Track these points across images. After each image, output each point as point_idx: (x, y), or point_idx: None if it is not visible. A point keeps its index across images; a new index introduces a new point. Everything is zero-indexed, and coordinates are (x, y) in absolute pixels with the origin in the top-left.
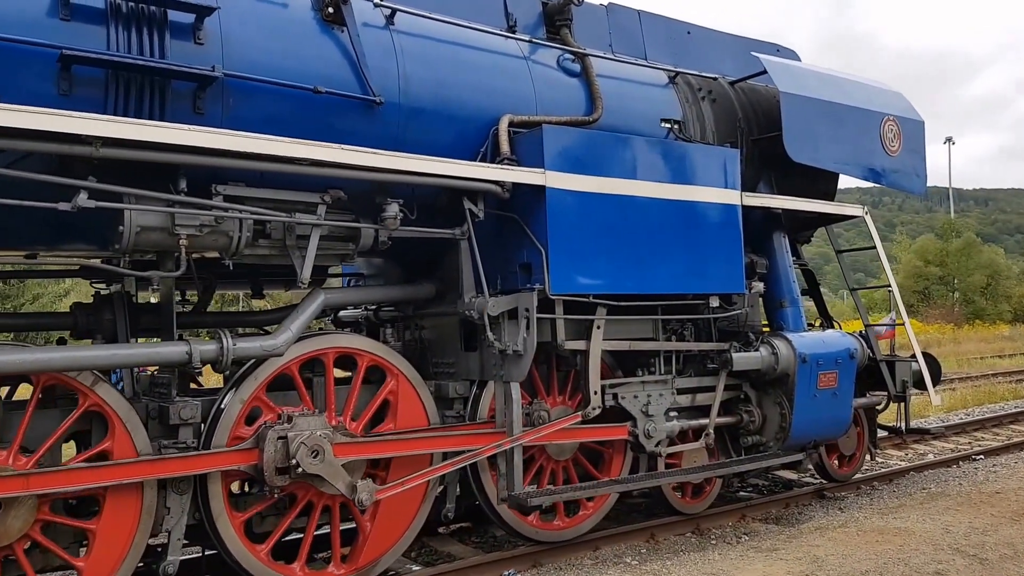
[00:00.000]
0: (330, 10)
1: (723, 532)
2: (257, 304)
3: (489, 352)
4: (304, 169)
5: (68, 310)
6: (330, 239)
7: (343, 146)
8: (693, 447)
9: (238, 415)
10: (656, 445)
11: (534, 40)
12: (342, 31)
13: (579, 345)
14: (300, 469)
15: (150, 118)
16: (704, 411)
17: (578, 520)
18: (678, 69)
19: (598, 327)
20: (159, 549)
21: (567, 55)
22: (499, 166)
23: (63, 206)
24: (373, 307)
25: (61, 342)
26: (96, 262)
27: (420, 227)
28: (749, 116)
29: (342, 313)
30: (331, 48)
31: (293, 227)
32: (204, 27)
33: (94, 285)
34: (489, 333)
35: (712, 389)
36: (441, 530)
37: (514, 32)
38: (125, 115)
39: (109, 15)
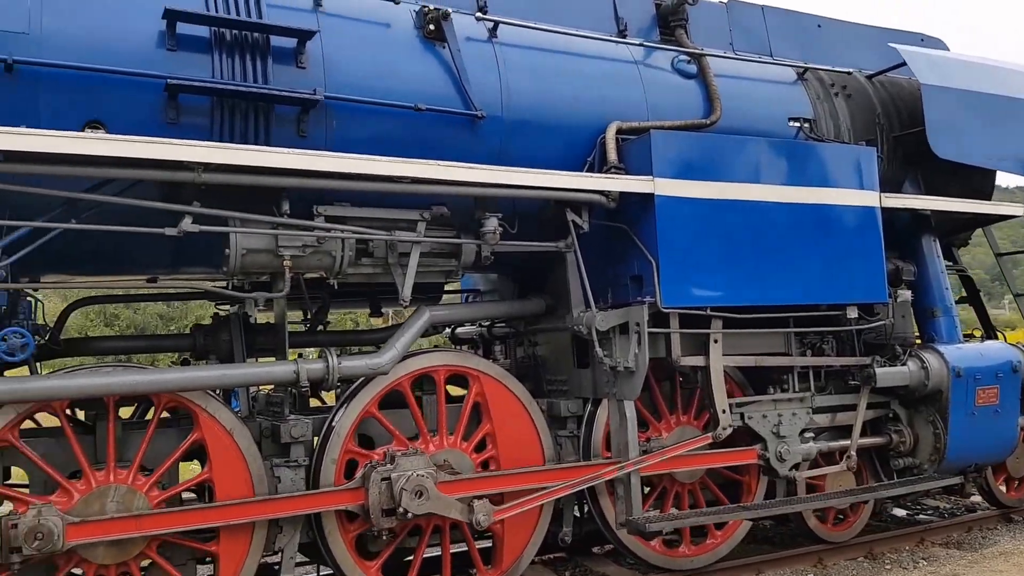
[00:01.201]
0: (431, 27)
1: (899, 557)
2: (375, 322)
3: (601, 369)
4: (405, 187)
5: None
6: (432, 256)
7: (442, 162)
8: (833, 470)
9: (347, 433)
10: (790, 469)
11: (645, 43)
12: (443, 47)
13: (697, 361)
14: (408, 514)
15: (255, 142)
16: (849, 432)
17: (706, 548)
18: (807, 64)
19: (715, 341)
20: (276, 567)
21: (682, 57)
22: (602, 175)
23: (169, 231)
24: (487, 324)
25: (184, 363)
26: (209, 285)
27: (522, 241)
28: (890, 111)
29: (459, 330)
30: (432, 65)
31: (395, 245)
32: (306, 51)
33: (218, 307)
34: (598, 349)
35: (855, 408)
36: (596, 550)
37: (624, 36)
38: (231, 140)
39: (213, 44)
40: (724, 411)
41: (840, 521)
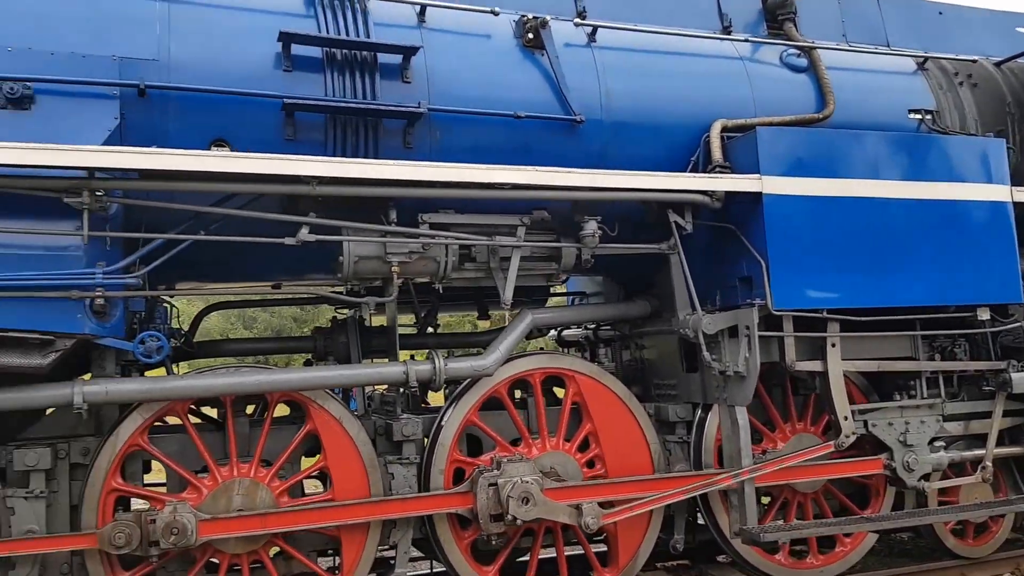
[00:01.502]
0: (530, 35)
1: None
2: (483, 325)
3: (711, 374)
4: (506, 193)
5: (309, 334)
6: (533, 259)
7: (540, 168)
8: (966, 482)
9: (455, 433)
10: (919, 479)
11: (751, 39)
12: (542, 55)
13: (814, 366)
14: (516, 520)
15: (365, 155)
16: (984, 441)
17: (835, 557)
18: (928, 54)
19: (833, 345)
20: (391, 561)
21: (791, 51)
22: (705, 175)
23: (288, 241)
24: (593, 327)
25: (308, 363)
26: (327, 290)
27: (623, 243)
28: (1021, 100)
29: (565, 333)
30: (531, 73)
31: (496, 250)
32: (411, 66)
33: (338, 311)
34: (705, 353)
35: (989, 415)
36: (721, 558)
37: (729, 33)
38: (343, 154)
39: (325, 63)
40: (846, 418)
41: (978, 535)
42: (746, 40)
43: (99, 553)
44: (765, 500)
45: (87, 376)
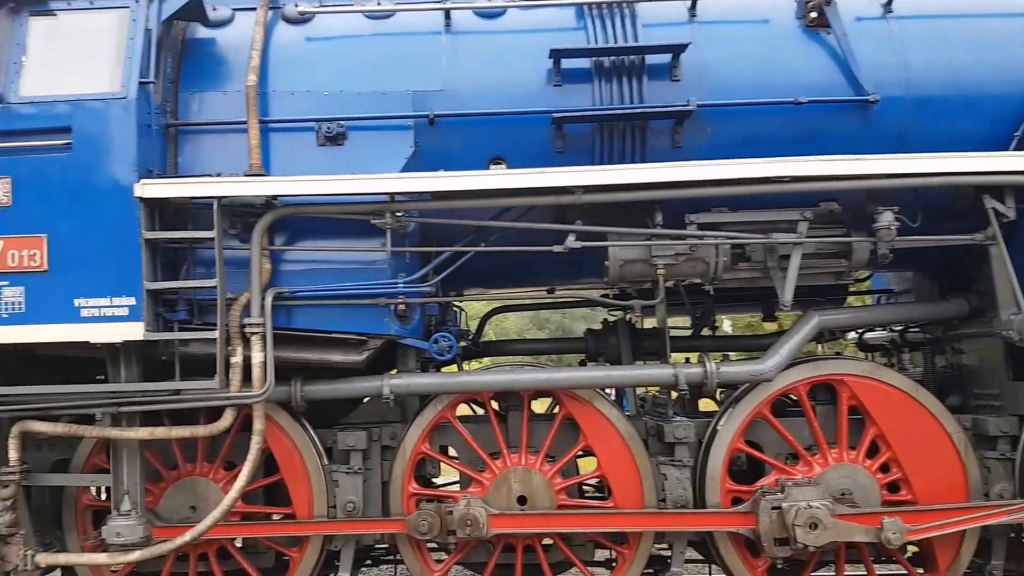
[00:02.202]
0: (813, 15)
1: None
2: (769, 327)
3: None
4: (785, 187)
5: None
6: (818, 256)
7: (825, 157)
8: None
9: (731, 439)
10: None
11: None
12: (827, 33)
13: None
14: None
15: (632, 159)
16: None
17: None
18: None
19: None
20: (668, 560)
21: None
22: None
23: (557, 249)
24: (899, 328)
25: (582, 363)
26: (594, 294)
27: (926, 235)
28: None
29: (867, 336)
30: (814, 54)
31: (775, 248)
32: (679, 64)
33: (611, 313)
34: None
35: None
36: None
37: None
38: (609, 161)
39: (593, 73)
40: None
41: None
42: None
43: (407, 537)
44: None
45: (393, 371)
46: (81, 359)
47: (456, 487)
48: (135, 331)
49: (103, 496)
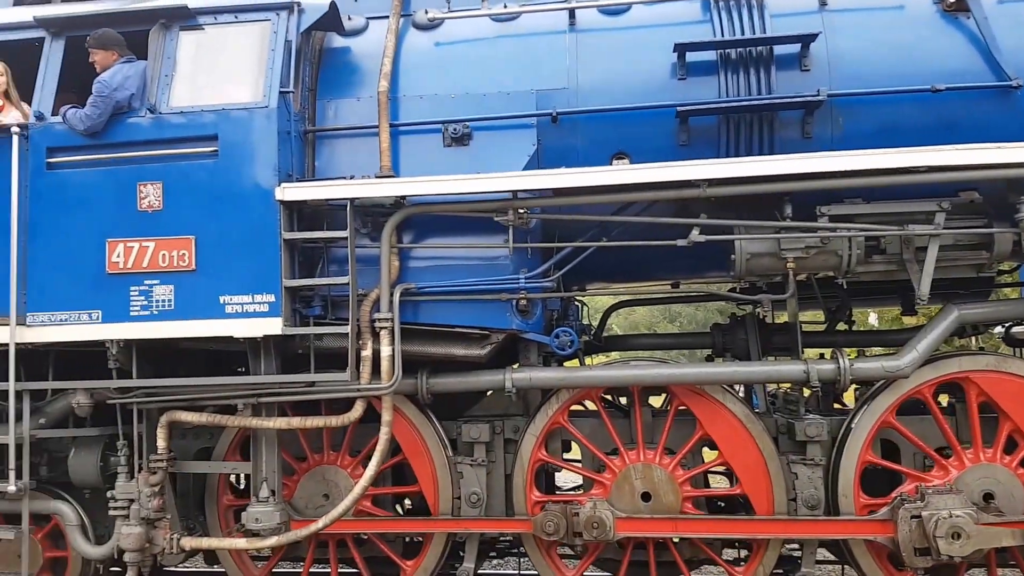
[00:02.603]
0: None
1: None
2: (908, 321)
3: None
4: (920, 177)
5: (708, 331)
6: (956, 248)
7: (964, 146)
8: None
9: (865, 439)
10: None
11: None
12: (967, 18)
13: None
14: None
15: (759, 151)
16: None
17: None
18: None
19: None
20: (797, 560)
21: None
22: None
23: (680, 243)
24: None
25: (708, 359)
26: (721, 288)
27: None
28: None
29: (1015, 330)
30: (952, 40)
31: (911, 240)
32: (809, 53)
33: (740, 308)
34: None
35: None
36: None
37: None
38: (736, 153)
39: (719, 65)
40: None
41: None
42: None
43: (533, 538)
44: None
45: (515, 365)
46: (216, 352)
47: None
48: (274, 326)
49: (241, 485)
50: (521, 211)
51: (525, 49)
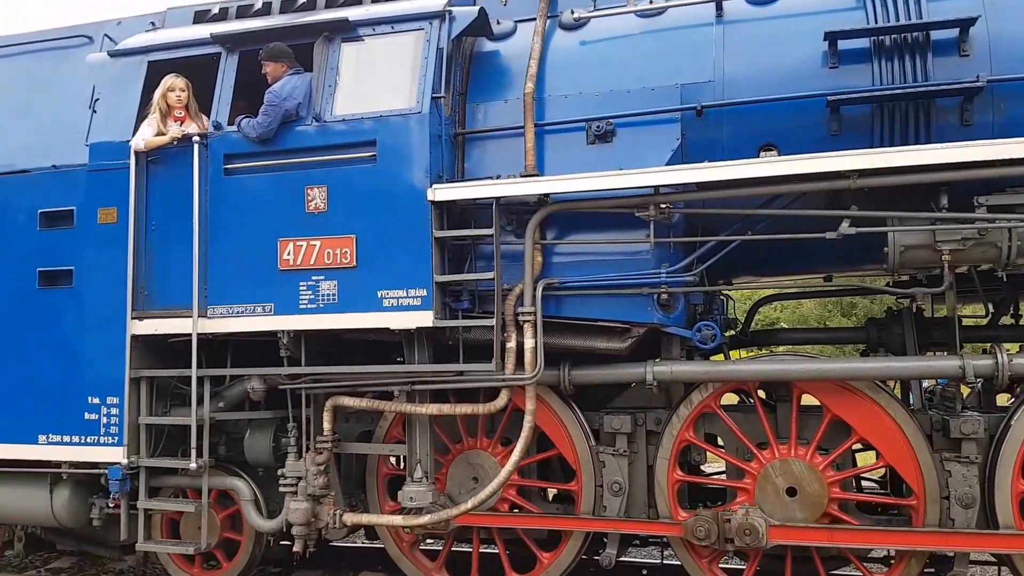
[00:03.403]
0: None
1: None
2: None
3: None
4: None
5: (862, 325)
6: None
7: None
8: None
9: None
10: None
11: None
12: None
13: None
14: None
15: (915, 139)
16: None
17: None
18: None
19: None
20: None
21: None
22: None
23: (829, 235)
24: None
25: (864, 354)
26: (880, 282)
27: None
28: None
29: None
30: None
31: None
32: (968, 38)
33: (898, 302)
34: None
35: None
36: None
37: None
38: (891, 142)
39: (873, 52)
40: None
41: None
42: None
43: (682, 541)
44: None
45: (657, 359)
46: (371, 342)
47: (723, 476)
48: (426, 319)
49: (400, 466)
50: (663, 206)
51: (670, 43)
